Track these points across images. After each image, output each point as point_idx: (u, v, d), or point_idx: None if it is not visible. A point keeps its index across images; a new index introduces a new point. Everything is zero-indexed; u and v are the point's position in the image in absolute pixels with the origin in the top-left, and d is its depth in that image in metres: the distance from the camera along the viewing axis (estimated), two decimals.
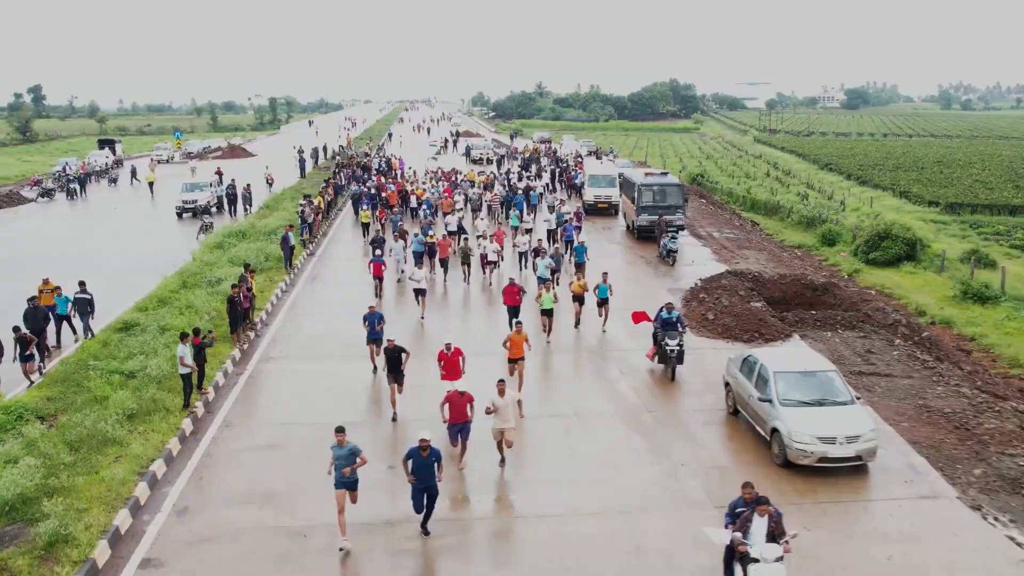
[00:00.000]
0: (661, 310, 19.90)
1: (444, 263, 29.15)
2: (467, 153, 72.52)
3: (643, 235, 35.05)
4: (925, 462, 14.92)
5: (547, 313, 22.32)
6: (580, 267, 27.67)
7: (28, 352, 17.89)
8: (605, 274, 23.19)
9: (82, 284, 21.41)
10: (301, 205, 35.76)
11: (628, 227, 38.75)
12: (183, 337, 16.94)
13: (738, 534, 10.55)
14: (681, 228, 34.97)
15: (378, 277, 26.48)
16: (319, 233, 36.91)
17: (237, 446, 15.70)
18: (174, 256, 31.14)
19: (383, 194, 40.93)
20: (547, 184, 52.11)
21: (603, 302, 22.91)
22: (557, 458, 15.26)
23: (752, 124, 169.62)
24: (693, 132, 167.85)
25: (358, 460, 12.46)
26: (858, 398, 15.39)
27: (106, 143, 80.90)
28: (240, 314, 20.88)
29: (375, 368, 19.31)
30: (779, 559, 10.37)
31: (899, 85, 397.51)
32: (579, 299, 23.15)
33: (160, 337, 19.95)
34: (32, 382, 17.93)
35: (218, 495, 13.86)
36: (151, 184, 54.76)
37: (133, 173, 62.79)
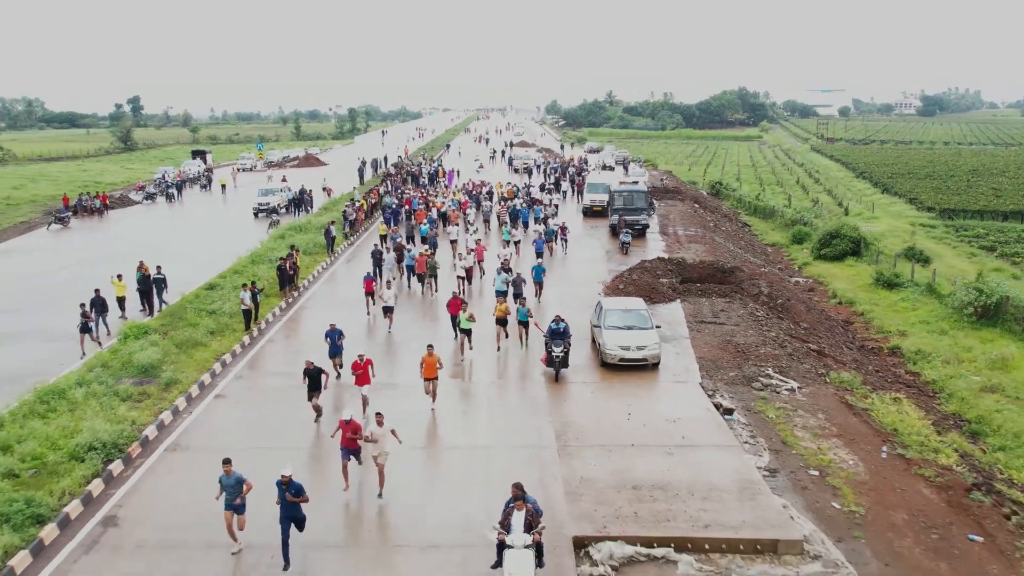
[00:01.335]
0: (552, 322, 23.52)
1: (420, 278, 33.25)
2: (510, 163, 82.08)
3: (616, 231, 44.14)
4: (697, 368, 23.91)
5: (465, 332, 24.87)
6: (539, 285, 31.13)
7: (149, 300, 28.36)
8: (523, 299, 27.60)
9: (159, 268, 30.77)
10: (346, 206, 46.19)
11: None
12: (244, 287, 27.15)
13: (497, 525, 13.19)
14: (646, 227, 44.00)
15: (369, 293, 29.99)
16: (360, 229, 47.03)
17: (276, 349, 25.75)
18: (249, 244, 41.77)
19: (406, 207, 47.24)
20: (564, 193, 60.91)
21: (524, 324, 25.97)
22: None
23: (816, 132, 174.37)
24: (755, 140, 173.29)
25: (244, 488, 14.46)
26: (657, 326, 24.55)
27: (198, 153, 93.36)
28: (286, 279, 31.06)
29: (338, 375, 23.05)
30: (528, 546, 12.86)
31: (982, 91, 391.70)
32: (502, 322, 25.76)
33: (232, 293, 30.25)
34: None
35: (263, 371, 23.90)
36: (223, 186, 66.65)
37: (208, 181, 74.74)
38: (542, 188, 57.55)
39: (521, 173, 75.21)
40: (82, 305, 25.94)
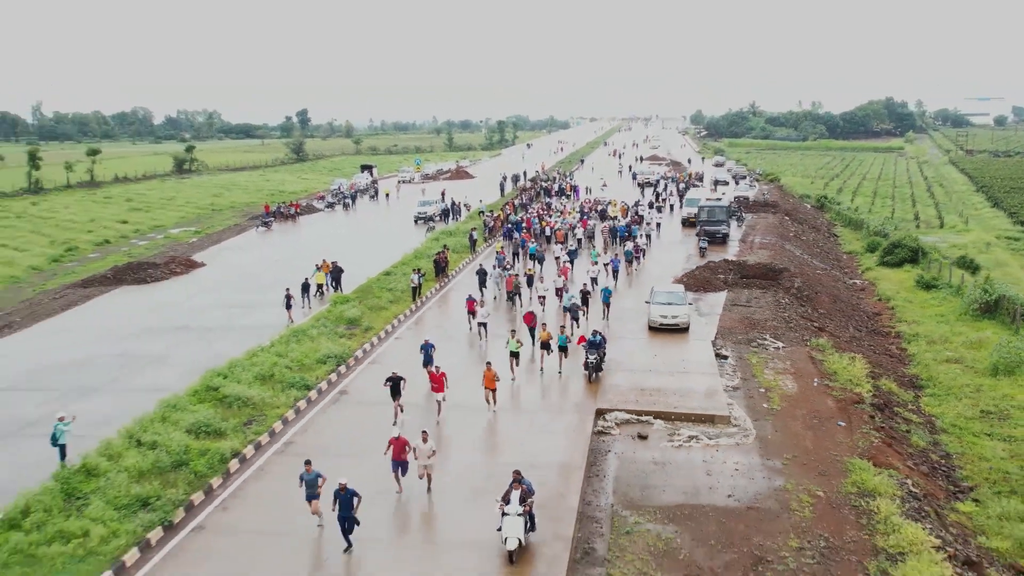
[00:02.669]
0: (592, 334, 29.31)
1: (510, 295, 39.66)
2: (634, 178, 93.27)
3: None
4: (715, 333, 35.14)
5: (514, 355, 29.11)
6: (606, 306, 37.01)
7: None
8: (562, 327, 32.83)
9: (335, 263, 44.45)
10: (486, 216, 59.32)
11: None
12: (414, 271, 40.45)
13: (499, 499, 18.23)
14: (726, 236, 54.84)
15: (471, 312, 35.00)
16: (498, 234, 59.90)
17: (432, 313, 38.79)
18: (412, 244, 55.48)
19: (524, 224, 55.77)
20: (671, 207, 71.68)
21: (563, 349, 30.38)
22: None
23: (962, 144, 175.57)
24: (895, 152, 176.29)
25: (320, 482, 19.02)
26: (690, 304, 35.95)
27: (366, 167, 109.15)
28: (440, 268, 44.22)
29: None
30: (520, 514, 17.73)
31: None
32: (545, 346, 30.24)
33: (402, 277, 43.63)
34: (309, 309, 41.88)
35: (424, 326, 36.90)
36: (387, 195, 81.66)
37: (375, 192, 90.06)
38: (650, 206, 68.32)
39: (644, 188, 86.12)
40: (287, 288, 39.14)
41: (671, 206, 71.99)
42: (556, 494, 21.25)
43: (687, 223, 61.76)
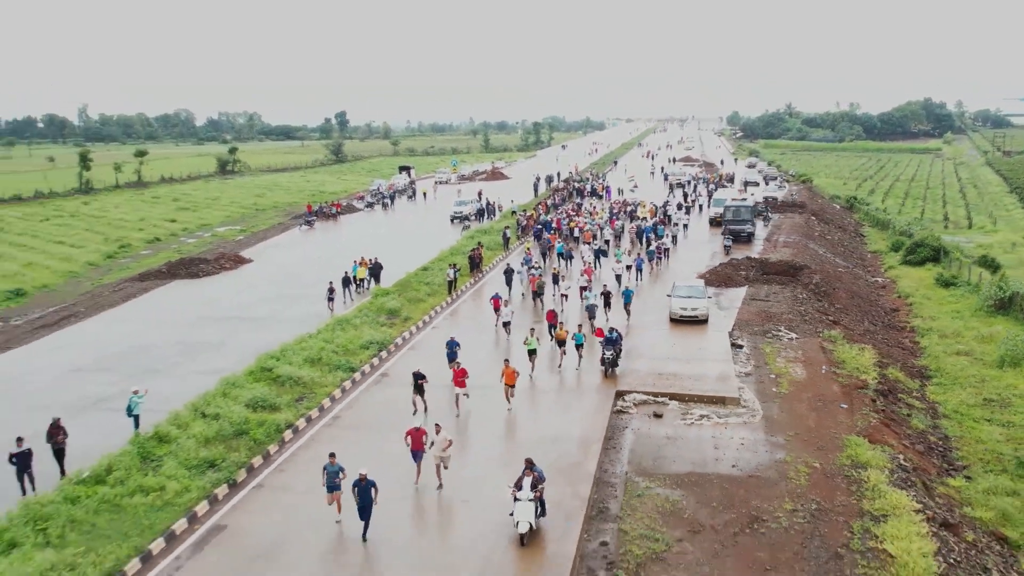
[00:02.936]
0: (609, 331, 31.08)
1: (535, 294, 41.18)
2: (665, 179, 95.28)
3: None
4: (733, 324, 37.35)
5: (531, 352, 30.84)
6: (627, 307, 38.29)
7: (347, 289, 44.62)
8: (580, 326, 33.41)
9: (375, 259, 47.20)
10: (519, 216, 61.86)
11: None
12: (450, 265, 43.09)
13: (512, 485, 19.50)
14: (751, 234, 56.85)
15: (496, 310, 36.94)
16: (530, 232, 62.36)
17: (467, 306, 41.38)
18: (448, 242, 58.21)
19: (553, 225, 58.21)
20: (700, 207, 73.65)
21: (579, 346, 31.67)
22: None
23: (999, 145, 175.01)
24: (932, 153, 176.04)
25: (341, 475, 20.05)
26: (710, 297, 38.17)
27: (404, 168, 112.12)
28: (474, 264, 46.87)
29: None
30: (531, 499, 18.94)
31: None
32: (561, 344, 31.81)
33: (439, 272, 46.31)
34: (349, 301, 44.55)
35: (459, 316, 39.50)
36: (424, 195, 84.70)
37: (413, 192, 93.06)
38: (678, 207, 70.31)
39: (674, 189, 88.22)
40: (329, 282, 41.97)
41: (700, 206, 73.97)
42: (576, 462, 23.72)
43: (714, 222, 63.78)
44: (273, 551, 19.30)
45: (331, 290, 41.57)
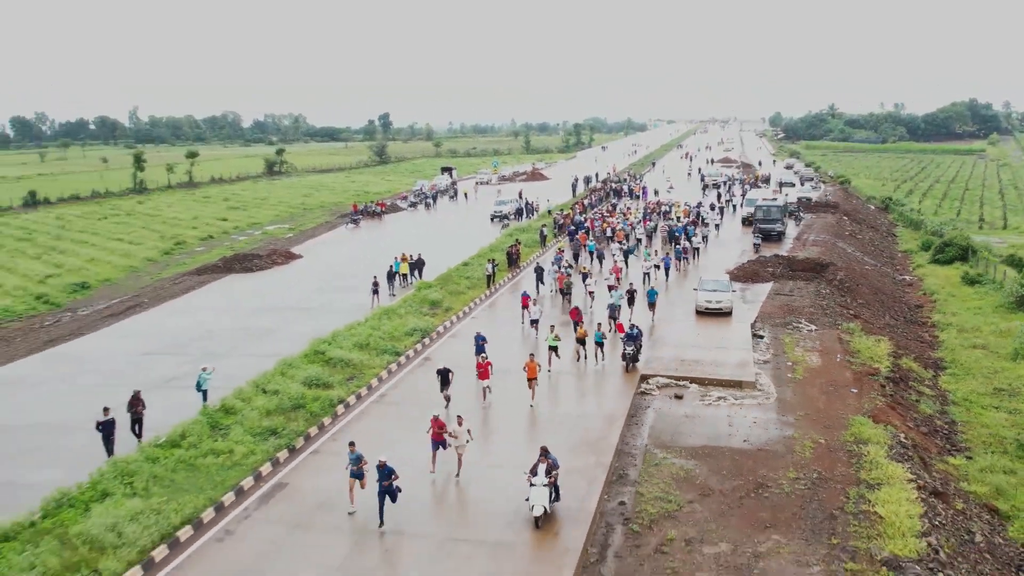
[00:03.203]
0: (630, 327, 32.37)
1: (562, 292, 42.86)
2: (702, 179, 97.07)
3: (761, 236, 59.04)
4: (755, 317, 39.51)
5: (552, 348, 31.99)
6: (652, 306, 39.22)
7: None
8: (599, 324, 34.02)
9: (419, 255, 50.05)
10: (556, 215, 64.37)
11: None
12: (489, 260, 45.83)
13: (527, 471, 20.76)
14: (781, 233, 58.77)
15: (525, 307, 38.09)
16: (566, 231, 64.82)
17: (504, 298, 44.01)
18: (487, 240, 60.93)
19: (586, 226, 59.73)
20: (734, 207, 75.48)
21: (599, 344, 32.92)
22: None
23: None
24: (976, 154, 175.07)
25: (362, 462, 21.23)
26: (734, 291, 40.38)
27: (446, 169, 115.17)
28: (512, 260, 49.45)
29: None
30: (545, 485, 20.15)
31: None
32: (582, 342, 32.95)
33: (478, 267, 49.03)
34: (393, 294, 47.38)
35: (496, 308, 42.15)
36: (465, 195, 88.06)
37: (454, 192, 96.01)
38: (711, 207, 72.07)
39: (710, 189, 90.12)
40: (374, 276, 44.95)
41: (733, 206, 75.81)
42: (600, 436, 26.21)
43: (746, 222, 65.70)
44: (328, 505, 22.04)
45: (375, 284, 44.39)
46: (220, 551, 20.07)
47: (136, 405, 26.69)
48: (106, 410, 25.44)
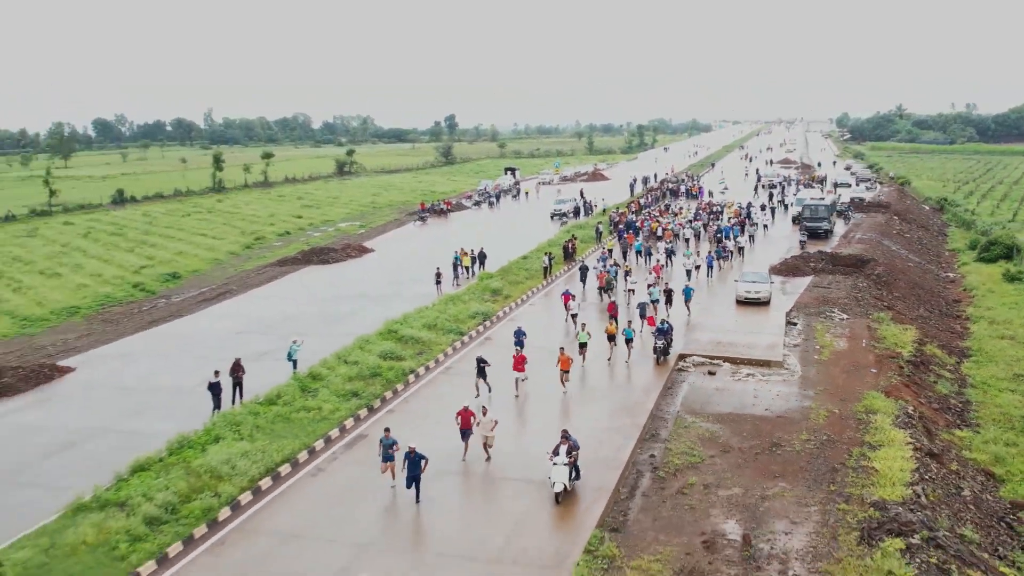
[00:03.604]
0: (661, 322, 34.67)
1: (601, 290, 44.92)
2: (759, 179, 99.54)
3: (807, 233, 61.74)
4: (791, 306, 42.79)
5: (582, 345, 33.81)
6: (687, 304, 41.30)
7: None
8: (629, 322, 36.86)
9: (481, 249, 54.21)
10: (612, 213, 68.11)
11: None
12: (545, 254, 49.81)
13: (549, 451, 22.59)
14: (828, 231, 61.61)
15: (566, 304, 39.74)
16: (621, 229, 68.48)
17: (559, 287, 47.89)
18: (547, 235, 65.02)
19: (637, 225, 62.68)
20: (787, 207, 78.02)
21: (628, 341, 34.82)
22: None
23: None
24: None
25: (394, 447, 23.06)
26: (772, 282, 43.76)
27: (509, 170, 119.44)
28: (568, 254, 53.42)
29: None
30: (565, 464, 22.04)
31: None
32: (611, 338, 34.45)
33: (536, 260, 53.09)
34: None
35: (551, 296, 46.09)
36: (527, 194, 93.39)
37: (517, 192, 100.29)
38: (762, 208, 74.63)
39: (763, 190, 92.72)
40: (437, 268, 49.35)
41: (785, 206, 78.46)
42: (636, 402, 30.04)
43: (796, 221, 68.54)
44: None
45: (438, 275, 48.88)
46: (313, 483, 24.47)
47: (237, 370, 31.31)
48: (216, 373, 30.09)
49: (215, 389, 29.94)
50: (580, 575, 19.08)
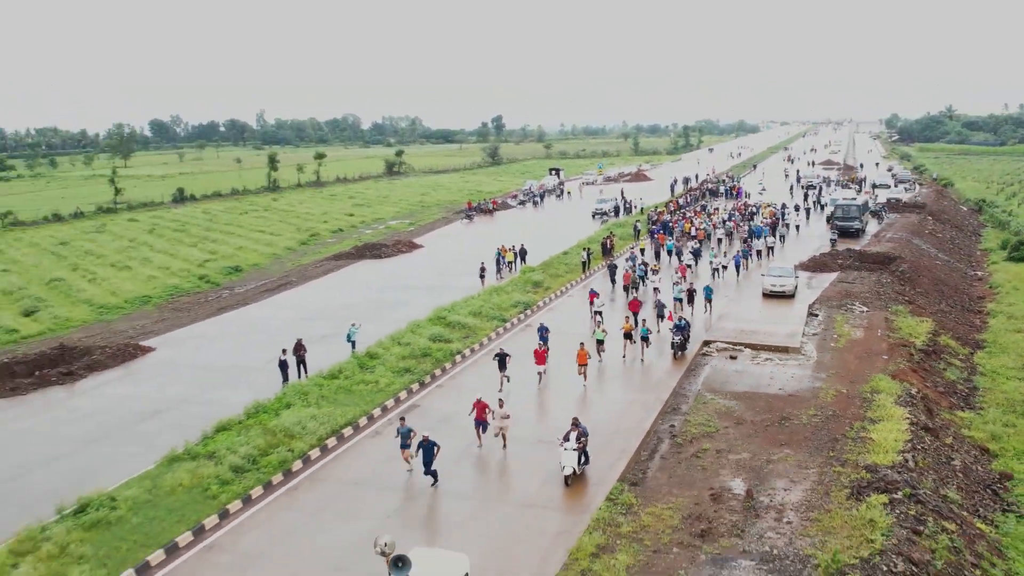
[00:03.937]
0: (678, 319, 36.56)
1: (627, 288, 46.96)
2: (798, 180, 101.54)
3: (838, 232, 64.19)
4: (815, 297, 45.61)
5: (599, 342, 35.23)
6: (708, 302, 42.71)
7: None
8: (644, 320, 37.26)
9: (522, 245, 57.67)
10: (651, 212, 71.18)
11: None
12: (584, 249, 53.18)
13: (560, 437, 24.25)
14: (860, 230, 64.05)
15: (591, 302, 41.25)
16: (659, 226, 71.47)
17: (595, 280, 51.18)
18: (587, 232, 68.31)
19: (670, 225, 65.11)
20: (822, 207, 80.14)
21: (644, 339, 36.09)
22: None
23: None
24: None
25: (411, 435, 24.91)
26: (797, 276, 46.61)
27: (554, 170, 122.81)
28: (606, 250, 56.69)
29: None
30: (575, 449, 23.66)
31: None
32: (628, 336, 35.81)
33: (575, 256, 56.43)
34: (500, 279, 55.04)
35: (588, 289, 49.37)
36: (570, 194, 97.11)
37: (561, 192, 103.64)
38: (796, 208, 76.70)
39: (800, 190, 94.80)
40: (481, 263, 52.88)
41: (821, 206, 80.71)
42: (660, 381, 33.28)
43: (830, 220, 70.95)
44: (450, 418, 29.87)
45: (482, 269, 52.44)
46: (373, 444, 28.16)
47: (299, 349, 35.16)
48: (284, 351, 34.00)
49: (283, 366, 33.80)
50: (601, 517, 22.42)
